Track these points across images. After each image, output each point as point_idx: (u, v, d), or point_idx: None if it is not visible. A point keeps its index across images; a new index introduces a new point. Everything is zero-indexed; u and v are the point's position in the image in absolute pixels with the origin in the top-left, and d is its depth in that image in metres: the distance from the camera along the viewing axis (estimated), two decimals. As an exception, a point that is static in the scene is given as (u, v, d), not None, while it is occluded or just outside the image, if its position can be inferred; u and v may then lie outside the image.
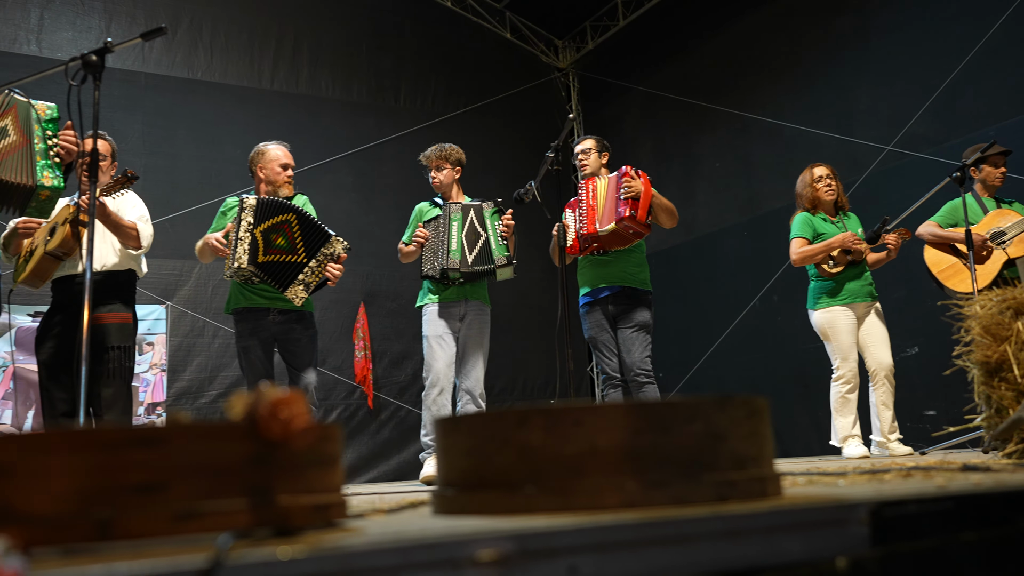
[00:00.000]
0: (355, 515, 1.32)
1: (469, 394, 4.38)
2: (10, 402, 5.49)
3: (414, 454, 6.39)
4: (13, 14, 5.95)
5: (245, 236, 3.80)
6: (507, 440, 1.18)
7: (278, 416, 1.03)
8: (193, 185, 6.22)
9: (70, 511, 0.96)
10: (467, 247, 4.31)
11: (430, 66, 7.52)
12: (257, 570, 0.86)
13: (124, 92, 5.99)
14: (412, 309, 4.92)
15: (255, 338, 3.97)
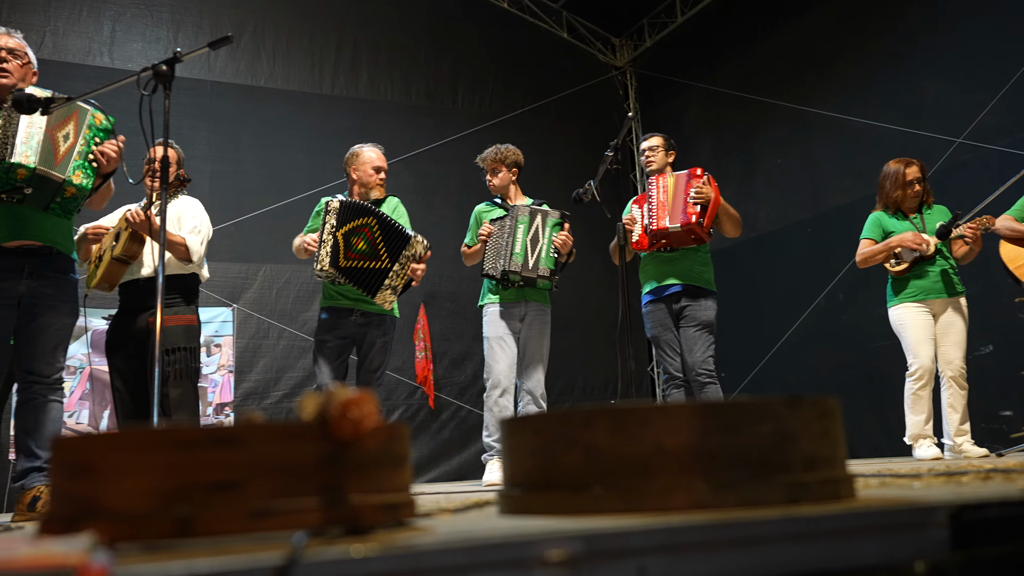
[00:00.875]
0: (422, 514, 1.34)
1: (530, 395, 4.39)
2: (87, 402, 5.68)
3: (475, 454, 6.43)
4: (87, 28, 6.15)
5: (328, 239, 3.90)
6: (573, 440, 1.18)
7: (349, 416, 1.05)
8: (257, 189, 6.36)
9: (151, 508, 0.99)
10: (530, 251, 4.33)
11: (487, 67, 7.55)
12: (331, 568, 0.87)
13: (191, 100, 6.15)
14: (472, 310, 4.96)
15: (333, 334, 4.08)
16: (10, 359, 3.19)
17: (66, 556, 0.79)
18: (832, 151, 6.49)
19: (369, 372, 4.11)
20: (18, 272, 3.07)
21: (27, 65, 3.25)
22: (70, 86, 4.08)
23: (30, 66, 3.27)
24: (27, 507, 2.98)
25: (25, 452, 3.09)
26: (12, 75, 3.16)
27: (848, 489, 1.21)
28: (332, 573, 0.87)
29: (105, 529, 0.97)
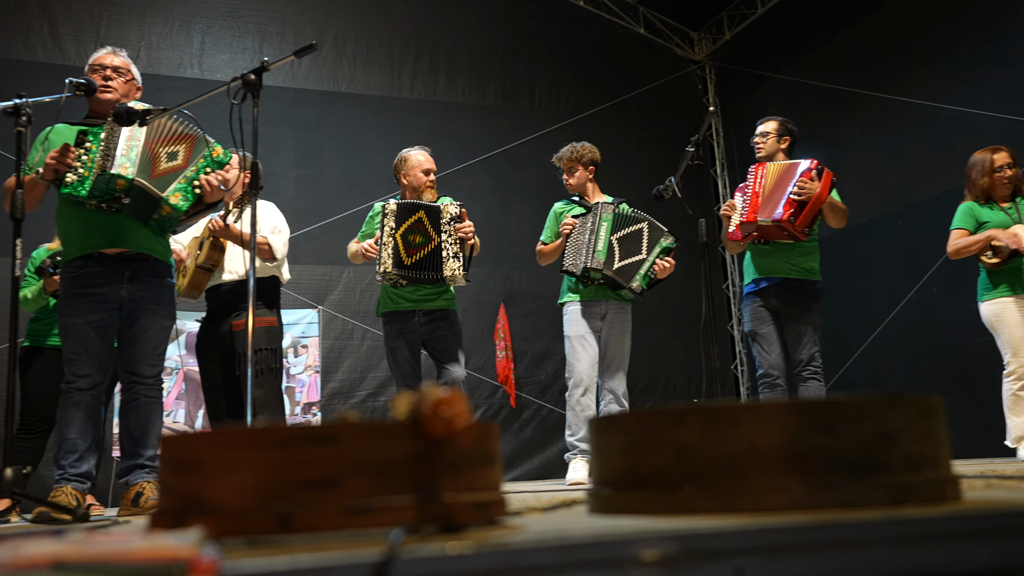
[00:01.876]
0: (512, 513, 1.34)
1: (612, 393, 4.37)
2: (183, 402, 5.90)
3: (557, 453, 6.42)
4: (178, 41, 6.39)
5: (388, 241, 3.97)
6: (664, 439, 1.17)
7: (441, 415, 1.06)
8: (340, 193, 6.49)
9: (253, 504, 1.02)
10: (618, 251, 4.29)
11: (564, 66, 7.54)
12: (427, 565, 0.89)
13: (275, 108, 6.31)
14: (552, 309, 4.95)
15: (402, 339, 4.13)
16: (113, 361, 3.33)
17: (178, 549, 0.82)
18: (923, 141, 6.26)
19: (446, 368, 4.15)
20: (119, 278, 3.21)
21: (131, 82, 3.39)
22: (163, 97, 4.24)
23: (134, 82, 3.41)
24: (131, 502, 3.11)
25: (128, 450, 3.23)
26: (116, 91, 3.30)
27: (954, 491, 1.16)
28: (429, 570, 0.89)
29: (210, 524, 1.00)
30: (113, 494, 5.08)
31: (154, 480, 3.18)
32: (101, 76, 3.29)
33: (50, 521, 2.72)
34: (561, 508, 1.47)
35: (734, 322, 7.79)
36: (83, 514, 2.64)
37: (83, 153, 3.07)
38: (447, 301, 4.20)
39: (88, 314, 3.15)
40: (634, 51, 7.84)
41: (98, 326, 3.16)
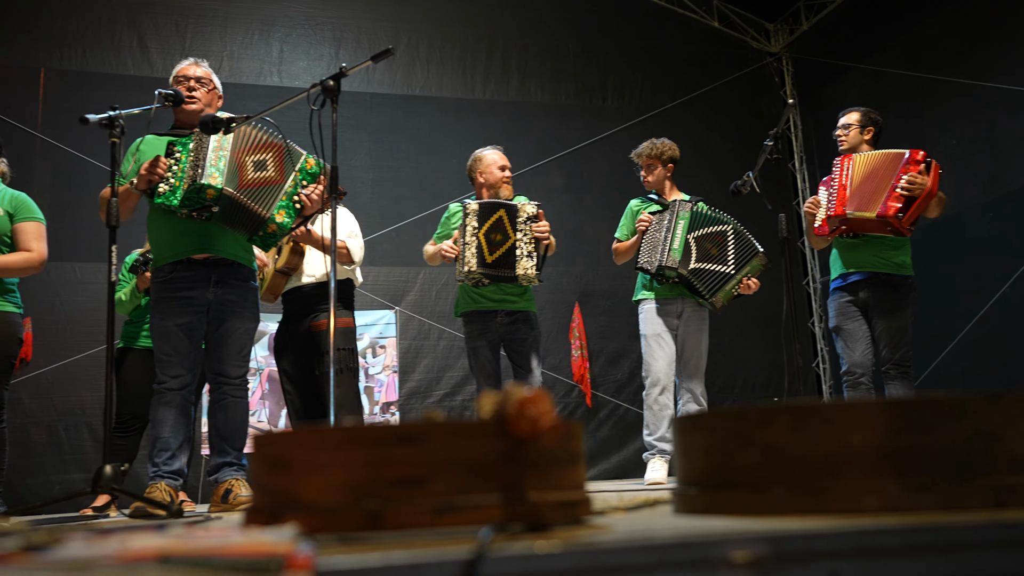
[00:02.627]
0: (596, 512, 1.34)
1: (690, 392, 4.31)
2: (267, 401, 6.07)
3: (634, 453, 6.38)
4: (259, 50, 6.57)
5: (471, 240, 4.00)
6: (751, 439, 1.15)
7: (526, 414, 1.07)
8: (416, 195, 6.57)
9: (343, 502, 1.04)
10: (695, 251, 4.23)
11: (636, 63, 7.47)
12: (516, 563, 0.89)
13: (352, 112, 6.42)
14: (627, 308, 4.91)
15: (483, 339, 4.16)
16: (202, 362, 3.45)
17: (275, 545, 0.85)
18: (1016, 129, 5.99)
19: (525, 370, 4.17)
20: (206, 282, 3.31)
21: (213, 91, 3.50)
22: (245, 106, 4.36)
23: (216, 91, 3.52)
24: (221, 499, 3.21)
25: (217, 448, 3.33)
26: (200, 101, 3.41)
27: (1061, 493, 1.11)
28: (517, 568, 0.89)
29: (303, 520, 1.03)
30: (202, 491, 5.25)
31: (242, 477, 3.28)
32: (185, 87, 3.40)
33: (146, 516, 2.83)
34: (645, 508, 1.46)
35: (815, 319, 7.61)
36: (177, 510, 2.74)
37: (173, 163, 3.18)
38: (528, 303, 4.22)
39: (177, 317, 3.26)
40: (708, 45, 7.72)
41: (187, 328, 3.27)
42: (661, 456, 4.23)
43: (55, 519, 3.41)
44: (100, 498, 4.02)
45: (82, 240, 5.65)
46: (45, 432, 5.54)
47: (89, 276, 5.71)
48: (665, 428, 4.24)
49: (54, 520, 3.17)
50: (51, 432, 5.55)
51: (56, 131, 5.81)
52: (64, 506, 4.28)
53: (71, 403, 5.60)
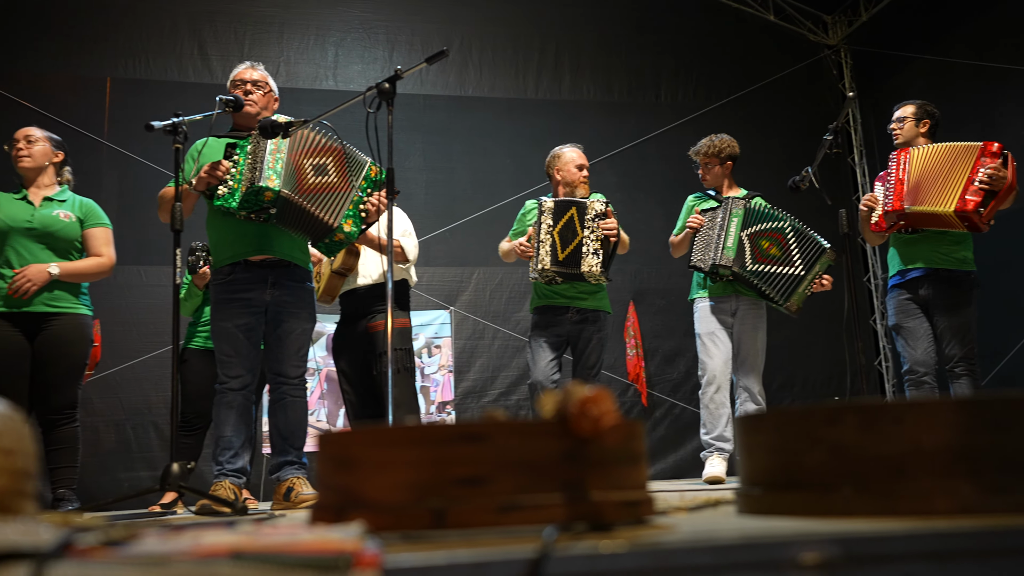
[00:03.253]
0: (658, 512, 1.33)
1: (747, 391, 4.26)
2: (325, 401, 6.16)
3: (691, 452, 6.31)
4: (314, 55, 6.67)
5: (546, 238, 4.01)
6: (817, 438, 1.13)
7: (588, 413, 1.07)
8: (469, 195, 6.60)
9: (407, 500, 1.05)
10: (749, 248, 4.17)
11: (690, 59, 7.39)
12: (581, 563, 0.89)
13: (406, 115, 6.48)
14: (682, 306, 4.87)
15: (550, 333, 4.16)
16: (261, 362, 3.51)
17: (343, 542, 0.86)
18: (1089, 116, 5.78)
19: (586, 369, 4.17)
20: (263, 283, 3.37)
21: (269, 94, 3.57)
22: (301, 109, 4.42)
23: (272, 94, 3.59)
24: (283, 497, 3.27)
25: (278, 447, 3.39)
26: (256, 104, 3.48)
27: None
28: (582, 568, 0.89)
29: (367, 519, 1.04)
30: (264, 488, 5.35)
31: (303, 476, 3.33)
32: (242, 91, 3.47)
33: (211, 513, 2.90)
34: (707, 508, 1.45)
35: (877, 316, 7.44)
36: (241, 507, 2.80)
37: (232, 166, 3.24)
38: (600, 302, 4.21)
39: (236, 318, 3.32)
40: (764, 39, 7.60)
41: (246, 329, 3.33)
42: (719, 454, 4.18)
43: (125, 515, 3.51)
44: (167, 495, 4.13)
45: (147, 244, 5.81)
46: (113, 431, 5.71)
47: (153, 279, 5.86)
48: (723, 427, 4.19)
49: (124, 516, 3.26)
50: (119, 431, 5.72)
51: (121, 138, 5.98)
52: (133, 503, 4.42)
53: (138, 403, 5.76)
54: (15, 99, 5.81)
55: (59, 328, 3.56)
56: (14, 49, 6.04)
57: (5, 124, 5.28)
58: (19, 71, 5.98)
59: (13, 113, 5.63)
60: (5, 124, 5.28)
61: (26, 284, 3.45)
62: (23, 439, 0.93)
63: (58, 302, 3.57)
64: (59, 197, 3.71)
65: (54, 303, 3.56)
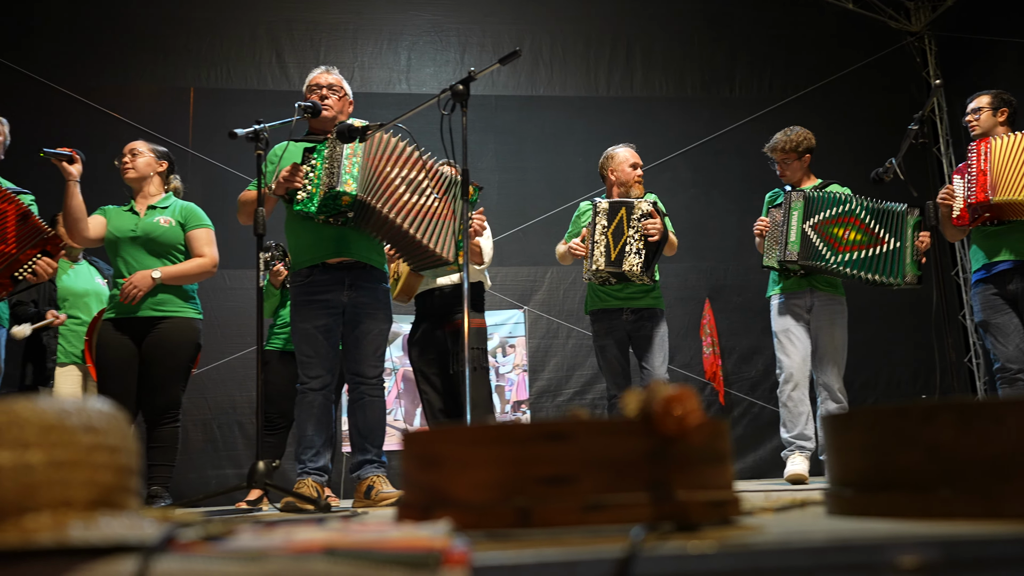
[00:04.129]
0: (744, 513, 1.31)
1: (827, 389, 4.15)
2: (402, 400, 6.24)
3: (771, 452, 6.19)
4: (387, 59, 6.77)
5: (600, 239, 4.00)
6: (912, 438, 1.09)
7: (672, 412, 1.05)
8: (541, 195, 6.60)
9: (492, 499, 1.05)
10: (819, 242, 4.06)
11: (765, 51, 7.24)
12: (669, 563, 0.88)
13: (478, 115, 6.52)
14: (759, 303, 4.78)
15: (610, 337, 4.16)
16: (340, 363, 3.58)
17: (432, 540, 0.87)
18: None
19: (652, 368, 4.13)
20: (340, 285, 3.43)
21: (343, 97, 3.63)
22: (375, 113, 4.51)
23: (347, 98, 3.65)
24: (363, 495, 3.33)
25: (358, 446, 3.45)
26: (332, 109, 3.54)
27: None
28: (671, 568, 0.88)
29: (453, 517, 1.05)
30: (344, 487, 5.46)
31: (383, 474, 3.38)
32: (318, 95, 3.54)
33: (296, 510, 2.96)
34: (794, 508, 1.42)
35: (966, 311, 7.17)
36: (324, 505, 2.85)
37: (310, 171, 3.31)
38: (654, 300, 4.19)
39: (315, 319, 3.39)
40: (842, 28, 7.39)
41: (324, 330, 3.40)
42: (801, 453, 4.09)
43: (213, 512, 3.62)
44: (253, 492, 4.25)
45: (229, 248, 5.96)
46: (201, 430, 5.90)
47: (236, 282, 6.04)
48: (803, 425, 4.10)
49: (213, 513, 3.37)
50: (206, 430, 5.91)
51: (205, 146, 6.18)
52: (220, 499, 4.56)
53: (223, 402, 5.94)
54: (106, 111, 6.06)
55: (165, 331, 3.70)
56: (104, 65, 6.31)
57: (98, 136, 5.52)
58: (109, 85, 6.24)
59: (105, 125, 5.89)
60: (98, 136, 5.52)
61: (133, 290, 3.59)
62: (127, 437, 0.96)
63: (164, 306, 3.71)
64: (162, 204, 3.85)
65: (160, 307, 3.70)
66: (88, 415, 0.92)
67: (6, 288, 3.33)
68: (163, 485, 3.65)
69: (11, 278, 3.29)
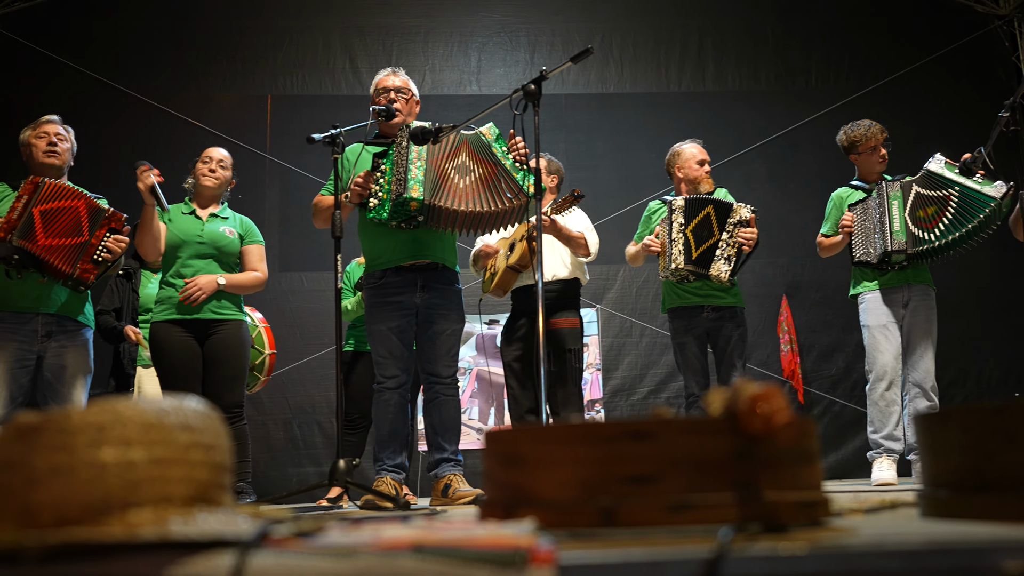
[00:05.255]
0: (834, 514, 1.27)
1: (919, 387, 4.01)
2: (476, 400, 6.28)
3: (853, 452, 6.03)
4: (458, 62, 6.83)
5: (678, 237, 3.97)
6: (1013, 437, 1.05)
7: (759, 411, 1.03)
8: (613, 193, 6.55)
9: (576, 498, 1.05)
10: (912, 225, 3.94)
11: (842, 40, 7.04)
12: (760, 564, 0.86)
13: (548, 115, 6.47)
14: (839, 299, 4.66)
15: (690, 335, 4.12)
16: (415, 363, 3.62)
17: (518, 538, 0.87)
18: None
19: (730, 366, 4.07)
20: (413, 286, 3.47)
21: (411, 99, 3.67)
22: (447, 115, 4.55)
23: (414, 99, 3.69)
24: (441, 493, 3.36)
25: (434, 445, 3.49)
26: (401, 112, 3.59)
27: None
28: (760, 570, 0.86)
29: (536, 515, 1.05)
30: (420, 484, 5.52)
31: (459, 472, 3.41)
32: (386, 98, 3.58)
33: (375, 508, 3.01)
34: (886, 510, 1.37)
35: (1062, 305, 6.85)
36: (404, 502, 2.89)
37: (380, 176, 3.35)
38: (735, 298, 4.12)
39: (389, 320, 3.43)
40: (924, 13, 7.14)
41: (399, 331, 3.44)
42: (888, 455, 3.96)
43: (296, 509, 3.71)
44: (333, 490, 4.33)
45: (307, 251, 6.14)
46: (282, 429, 6.05)
47: (314, 284, 6.17)
48: (892, 425, 3.98)
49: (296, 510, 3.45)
50: (287, 429, 6.06)
51: (282, 152, 6.34)
52: (301, 497, 4.66)
53: (302, 402, 6.08)
54: (189, 120, 6.27)
55: (226, 333, 3.80)
56: (186, 75, 6.53)
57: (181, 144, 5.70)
58: (191, 95, 6.46)
59: (187, 133, 6.09)
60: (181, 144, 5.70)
61: (197, 292, 3.70)
62: (220, 435, 0.99)
63: (224, 309, 3.82)
64: (222, 214, 3.95)
65: (220, 310, 3.81)
66: (185, 414, 0.95)
67: (92, 272, 3.51)
68: (245, 481, 3.75)
69: (92, 262, 3.49)
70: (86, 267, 3.47)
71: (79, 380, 3.64)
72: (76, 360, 3.63)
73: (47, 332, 3.56)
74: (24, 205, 3.43)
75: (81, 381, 3.65)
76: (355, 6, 6.76)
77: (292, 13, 6.70)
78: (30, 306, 3.53)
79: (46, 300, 3.54)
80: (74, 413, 0.90)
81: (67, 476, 0.87)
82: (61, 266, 3.44)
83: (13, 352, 3.50)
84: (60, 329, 3.59)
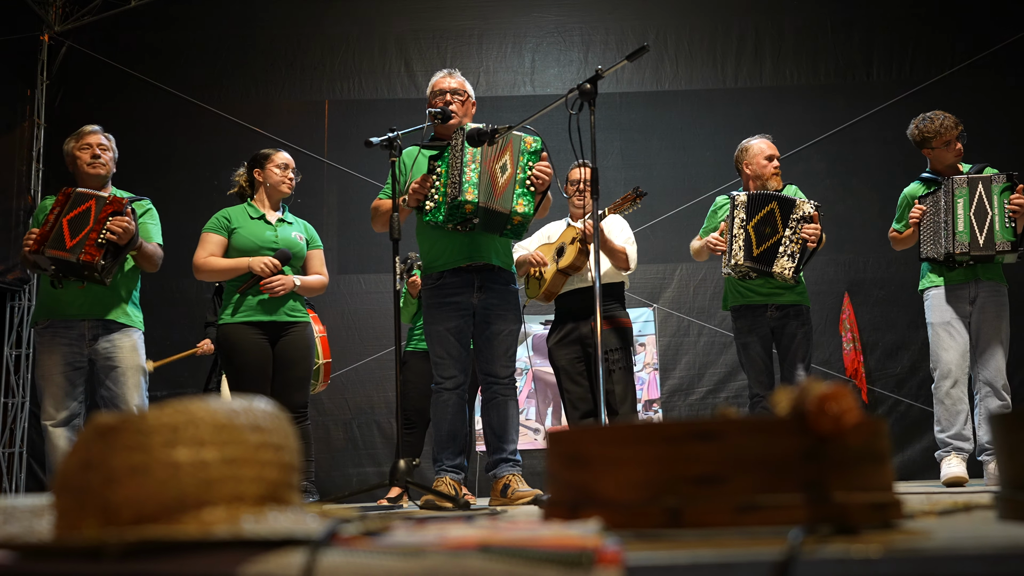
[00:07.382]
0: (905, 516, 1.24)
1: (989, 386, 3.89)
2: (533, 400, 6.29)
3: (919, 452, 5.89)
4: (512, 63, 6.85)
5: (739, 233, 3.92)
6: (1096, 439, 1.01)
7: (828, 411, 1.01)
8: (669, 191, 6.49)
9: (641, 498, 1.04)
10: (976, 226, 3.83)
11: (904, 31, 6.86)
12: (832, 567, 0.85)
13: (603, 114, 6.46)
14: (904, 296, 4.55)
15: (754, 334, 4.05)
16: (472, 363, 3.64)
17: (584, 539, 0.87)
18: None
19: (794, 366, 3.99)
20: (470, 287, 3.48)
21: (467, 101, 3.68)
22: (501, 116, 4.55)
23: (470, 100, 3.70)
24: (500, 493, 3.37)
25: (492, 445, 3.50)
26: (457, 114, 3.60)
27: None
28: (832, 573, 0.85)
29: (601, 516, 1.04)
30: (479, 485, 5.54)
31: (518, 473, 3.42)
32: (442, 100, 3.60)
33: (435, 508, 3.03)
34: (960, 512, 1.34)
35: None
36: (463, 502, 2.91)
37: (436, 179, 3.37)
38: (799, 296, 4.05)
39: (447, 321, 3.45)
40: (990, 1, 6.92)
41: (456, 332, 3.46)
42: (957, 455, 3.85)
43: (357, 508, 3.75)
44: (393, 490, 4.38)
45: (365, 253, 6.22)
46: (342, 430, 6.14)
47: (372, 286, 6.25)
48: (961, 424, 3.87)
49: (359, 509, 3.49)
50: (346, 429, 6.15)
51: (340, 156, 6.44)
52: (362, 496, 4.72)
53: (362, 403, 6.17)
54: (249, 127, 6.41)
55: (297, 335, 3.87)
56: (247, 83, 6.69)
57: (242, 150, 5.81)
58: (251, 102, 6.62)
59: (248, 140, 6.21)
60: (242, 150, 5.81)
61: (280, 287, 3.76)
62: (289, 436, 1.01)
63: (296, 312, 3.89)
64: (287, 219, 4.02)
65: (294, 313, 3.88)
66: (255, 415, 0.97)
67: (96, 255, 3.49)
68: (308, 480, 3.82)
69: (96, 245, 3.50)
70: (90, 251, 3.48)
71: (131, 379, 3.72)
72: (126, 360, 3.71)
73: (93, 336, 3.66)
74: (56, 217, 3.54)
75: (134, 380, 3.73)
76: (409, 11, 6.83)
77: (347, 20, 6.80)
78: (76, 313, 3.64)
79: (92, 306, 3.65)
80: (150, 414, 0.93)
81: (144, 475, 0.90)
82: (70, 258, 3.47)
83: (64, 355, 3.63)
84: (106, 332, 3.69)
